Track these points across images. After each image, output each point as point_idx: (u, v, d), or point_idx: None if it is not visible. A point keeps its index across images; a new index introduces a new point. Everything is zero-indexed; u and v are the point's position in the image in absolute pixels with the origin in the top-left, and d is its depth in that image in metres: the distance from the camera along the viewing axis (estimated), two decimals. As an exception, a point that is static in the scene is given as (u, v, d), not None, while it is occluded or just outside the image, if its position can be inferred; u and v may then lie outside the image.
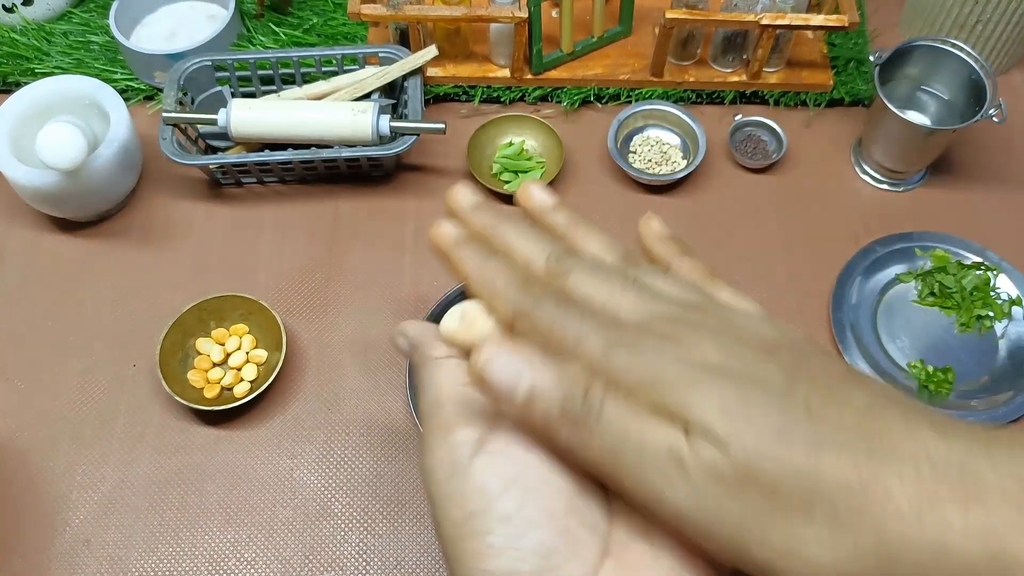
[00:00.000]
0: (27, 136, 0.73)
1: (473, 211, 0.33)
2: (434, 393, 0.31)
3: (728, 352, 0.26)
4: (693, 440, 0.24)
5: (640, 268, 0.30)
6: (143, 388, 0.69)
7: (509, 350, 0.26)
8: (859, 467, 0.23)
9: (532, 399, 0.25)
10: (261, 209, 0.78)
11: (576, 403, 0.25)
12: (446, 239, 0.31)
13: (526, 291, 0.28)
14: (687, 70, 0.83)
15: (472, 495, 0.27)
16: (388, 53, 0.78)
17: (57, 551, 0.62)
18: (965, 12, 0.81)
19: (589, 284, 0.28)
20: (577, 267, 0.29)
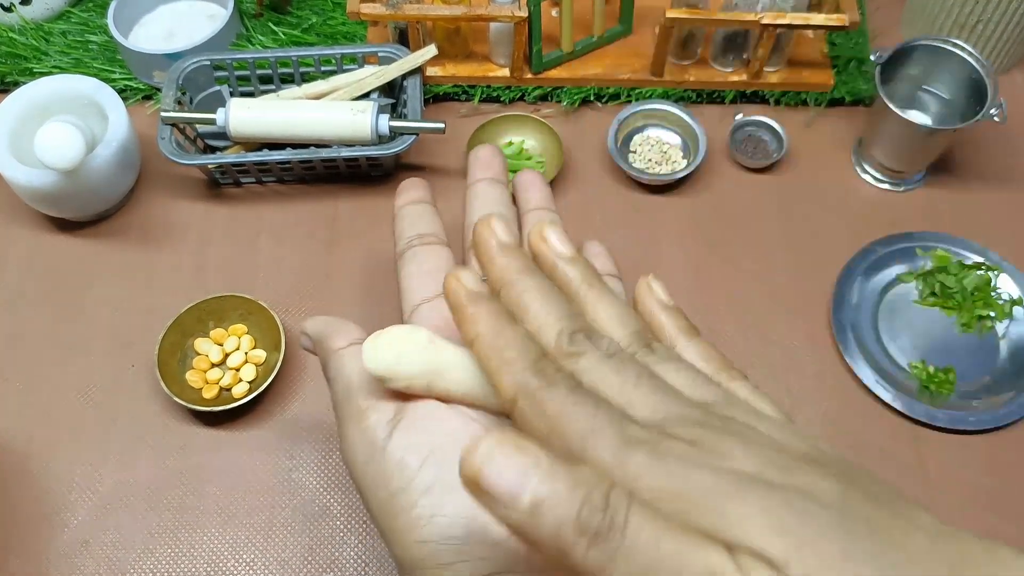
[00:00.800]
0: (25, 136, 0.73)
1: (500, 251, 0.29)
2: (343, 383, 0.31)
3: (765, 460, 0.22)
4: (742, 562, 0.20)
5: (654, 352, 0.28)
6: (141, 389, 0.69)
7: (511, 447, 0.22)
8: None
9: (540, 508, 0.21)
10: (260, 209, 0.78)
11: (595, 515, 0.21)
12: (462, 291, 0.28)
13: (538, 369, 0.25)
14: (687, 70, 0.83)
15: (393, 473, 0.28)
16: (387, 53, 0.78)
17: (56, 552, 0.62)
18: (966, 12, 0.80)
19: (600, 372, 0.25)
20: (590, 351, 0.26)
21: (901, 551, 0.21)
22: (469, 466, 0.22)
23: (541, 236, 0.31)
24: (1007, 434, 0.67)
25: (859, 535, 0.21)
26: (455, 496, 0.26)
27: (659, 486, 0.22)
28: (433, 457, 0.28)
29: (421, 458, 0.28)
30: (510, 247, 0.29)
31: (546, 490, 0.21)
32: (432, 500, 0.27)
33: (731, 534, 0.20)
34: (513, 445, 0.22)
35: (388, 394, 0.30)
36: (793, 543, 0.20)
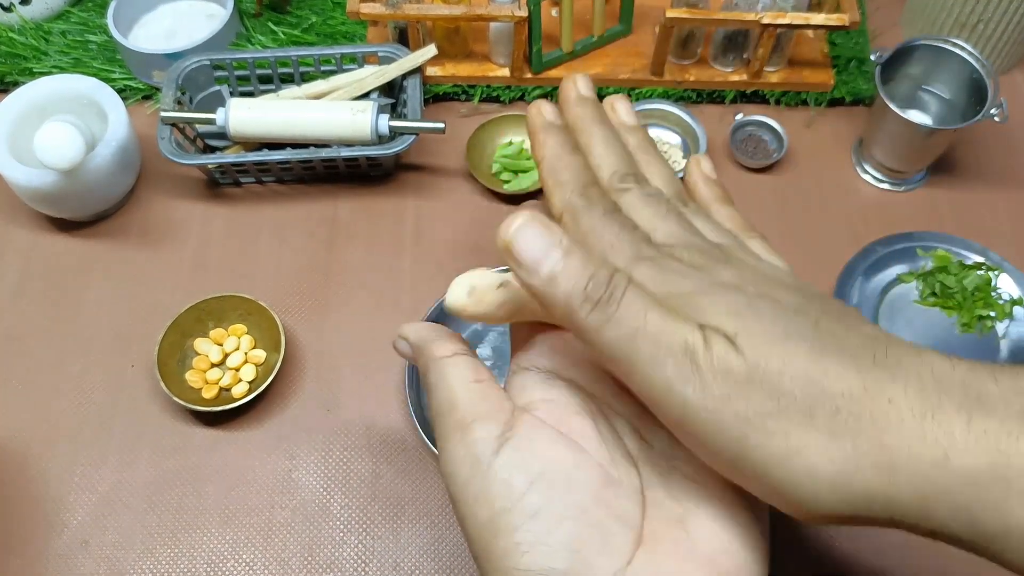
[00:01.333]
0: (25, 136, 0.73)
1: (578, 102, 0.34)
2: (446, 392, 0.30)
3: (746, 279, 0.27)
4: (707, 336, 0.24)
5: (687, 206, 0.33)
6: (141, 389, 0.69)
7: (541, 224, 0.26)
8: (863, 376, 0.23)
9: (556, 276, 0.26)
10: (260, 209, 0.78)
11: (600, 286, 0.25)
12: (540, 120, 0.33)
13: (584, 193, 0.30)
14: (687, 69, 0.83)
15: (497, 493, 0.27)
16: (387, 52, 0.78)
17: (55, 552, 0.62)
18: (966, 11, 0.80)
19: (638, 204, 0.30)
20: (635, 189, 0.31)
21: (836, 341, 0.24)
22: (504, 233, 0.26)
23: (612, 106, 0.36)
24: (1007, 434, 0.66)
25: (803, 325, 0.25)
26: (563, 526, 0.26)
27: (654, 288, 0.26)
28: (542, 481, 0.27)
29: (529, 480, 0.27)
30: (586, 99, 0.34)
31: (562, 264, 0.26)
32: (538, 526, 0.26)
33: (703, 318, 0.25)
34: (542, 224, 0.26)
35: (495, 410, 0.29)
36: (747, 323, 0.25)
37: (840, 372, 0.24)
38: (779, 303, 0.26)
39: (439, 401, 0.30)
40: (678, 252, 0.28)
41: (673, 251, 0.28)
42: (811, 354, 0.24)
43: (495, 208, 0.78)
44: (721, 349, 0.24)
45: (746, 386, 0.24)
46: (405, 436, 0.67)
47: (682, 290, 0.26)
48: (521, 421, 0.28)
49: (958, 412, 0.23)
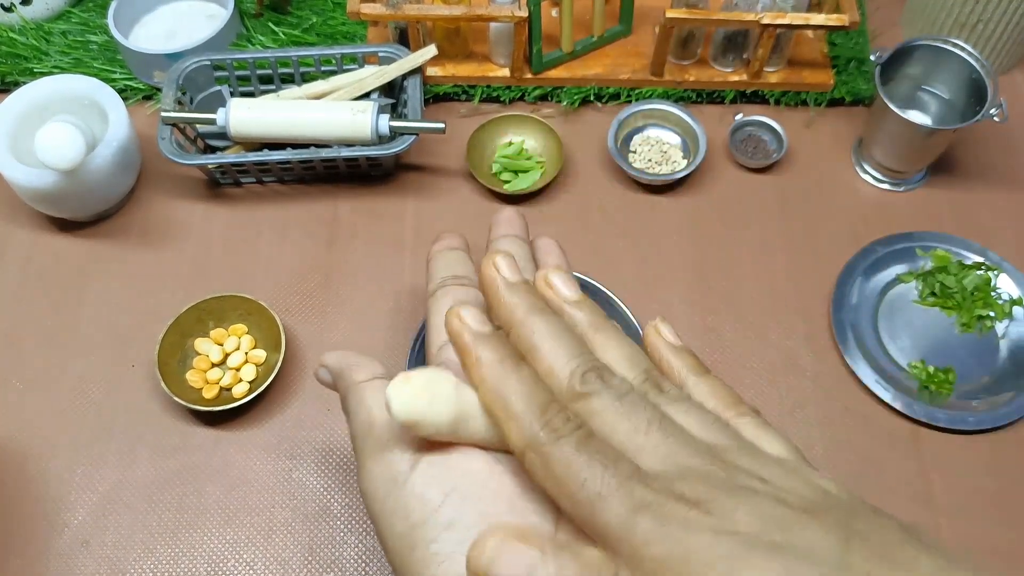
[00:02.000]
0: (25, 136, 0.73)
1: (508, 290, 0.29)
2: (364, 415, 0.30)
3: (767, 519, 0.23)
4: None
5: (664, 392, 0.28)
6: (142, 389, 0.69)
7: (517, 543, 0.24)
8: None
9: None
10: (260, 209, 0.78)
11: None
12: (465, 332, 0.28)
13: (545, 422, 0.25)
14: (687, 69, 0.83)
15: (413, 507, 0.27)
16: (387, 52, 0.78)
17: (55, 552, 0.62)
18: (966, 11, 0.80)
19: (611, 414, 0.26)
20: (602, 391, 0.26)
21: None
22: (476, 564, 0.23)
23: (547, 282, 0.31)
24: (1007, 434, 0.67)
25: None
26: (476, 535, 0.26)
27: (665, 553, 0.22)
28: (456, 494, 0.27)
29: (444, 493, 0.27)
30: (517, 285, 0.29)
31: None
32: (453, 537, 0.26)
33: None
34: (517, 539, 0.24)
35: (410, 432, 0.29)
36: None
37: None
38: (816, 560, 0.22)
39: (358, 424, 0.30)
40: (677, 486, 0.24)
41: (671, 485, 0.24)
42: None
43: (495, 208, 0.78)
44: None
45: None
46: (405, 436, 0.67)
47: (695, 555, 0.22)
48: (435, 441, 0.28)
49: None
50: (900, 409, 0.66)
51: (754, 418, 0.29)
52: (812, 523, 0.23)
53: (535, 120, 0.80)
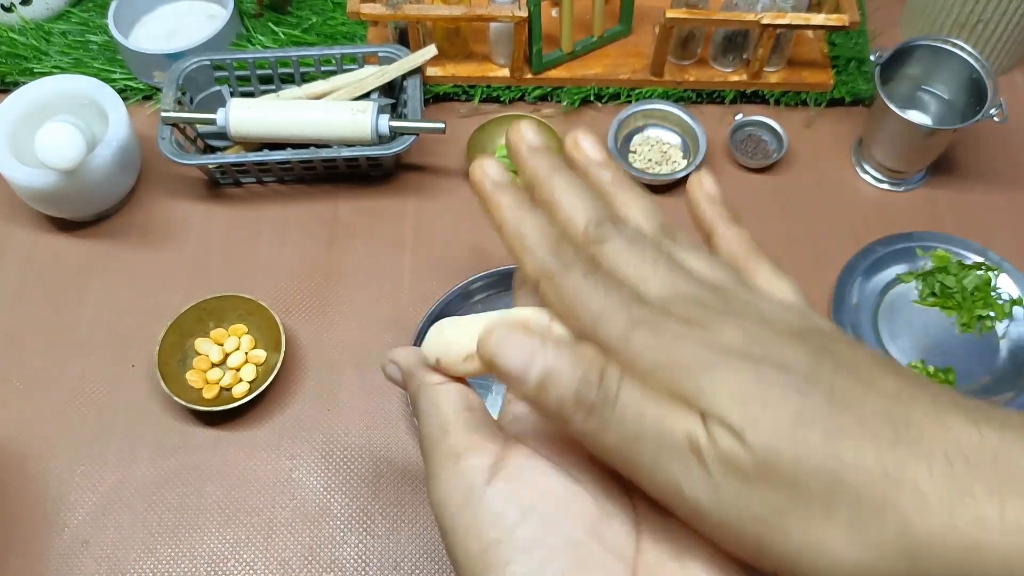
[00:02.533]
0: (26, 136, 0.73)
1: (531, 153, 0.31)
2: (437, 419, 0.29)
3: (751, 336, 0.25)
4: (711, 428, 0.23)
5: (677, 242, 0.30)
6: (142, 389, 0.69)
7: (520, 332, 0.25)
8: (883, 458, 0.22)
9: (545, 384, 0.24)
10: (260, 209, 0.78)
11: (591, 389, 0.24)
12: (487, 180, 0.30)
13: (557, 253, 0.27)
14: (687, 70, 0.83)
15: (489, 524, 0.26)
16: (387, 53, 0.78)
17: (56, 552, 0.62)
18: (966, 12, 0.80)
19: (622, 254, 0.27)
20: (615, 236, 0.28)
21: (852, 414, 0.23)
22: (485, 348, 0.25)
23: (575, 143, 0.32)
24: (1007, 434, 0.66)
25: (816, 401, 0.23)
26: (556, 561, 0.25)
27: (654, 360, 0.24)
28: (534, 513, 0.26)
29: (521, 512, 0.26)
30: (539, 148, 0.31)
31: (549, 368, 0.24)
32: (530, 561, 0.25)
33: (705, 403, 0.23)
34: (522, 330, 0.25)
35: (488, 439, 0.28)
36: (753, 410, 0.23)
37: (858, 456, 0.22)
38: (788, 370, 0.24)
39: (430, 428, 0.29)
40: (674, 307, 0.26)
41: (668, 306, 0.26)
42: (826, 439, 0.22)
43: (495, 208, 0.78)
44: (727, 443, 0.22)
45: (757, 483, 0.22)
46: (405, 436, 0.67)
47: (681, 360, 0.24)
48: (513, 451, 0.28)
49: (990, 496, 0.21)
50: (900, 409, 0.66)
51: (771, 264, 0.30)
52: (791, 342, 0.25)
53: (535, 120, 0.80)
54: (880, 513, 0.22)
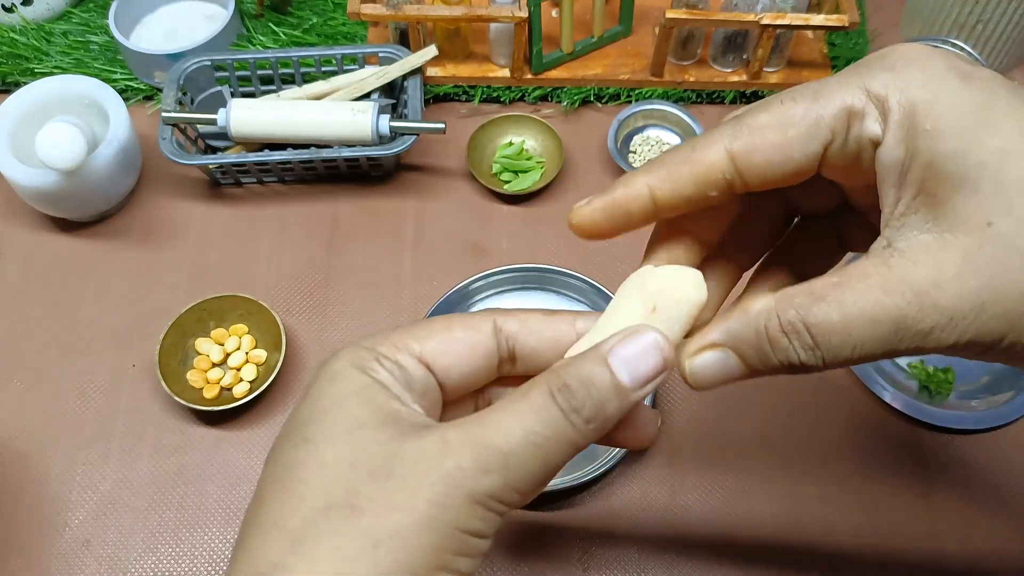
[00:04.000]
0: (26, 136, 0.73)
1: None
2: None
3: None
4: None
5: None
6: (142, 388, 0.69)
7: (699, 353, 0.28)
8: None
9: (748, 364, 0.28)
10: (261, 209, 0.78)
11: (774, 329, 0.27)
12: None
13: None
14: (687, 70, 0.83)
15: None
16: (388, 53, 0.78)
17: (56, 551, 0.62)
18: (965, 12, 0.81)
19: None
20: None
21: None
22: (688, 376, 0.29)
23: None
24: (1006, 434, 0.67)
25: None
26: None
27: None
28: None
29: None
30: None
31: (740, 350, 0.28)
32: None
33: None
34: (700, 343, 0.29)
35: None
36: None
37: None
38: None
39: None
40: None
41: None
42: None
43: (495, 208, 0.78)
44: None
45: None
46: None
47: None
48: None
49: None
50: (900, 409, 0.67)
51: None
52: None
53: (535, 120, 0.80)
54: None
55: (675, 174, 0.29)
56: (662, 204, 0.29)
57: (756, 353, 0.27)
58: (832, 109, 0.27)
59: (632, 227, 0.31)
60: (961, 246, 0.24)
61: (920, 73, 0.26)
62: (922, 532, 0.63)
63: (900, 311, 0.25)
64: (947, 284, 0.24)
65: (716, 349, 0.28)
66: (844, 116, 0.26)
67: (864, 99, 0.26)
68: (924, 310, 0.25)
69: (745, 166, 0.28)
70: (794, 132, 0.27)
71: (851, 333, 0.25)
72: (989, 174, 0.24)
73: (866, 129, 0.26)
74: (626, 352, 0.27)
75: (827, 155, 0.27)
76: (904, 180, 0.26)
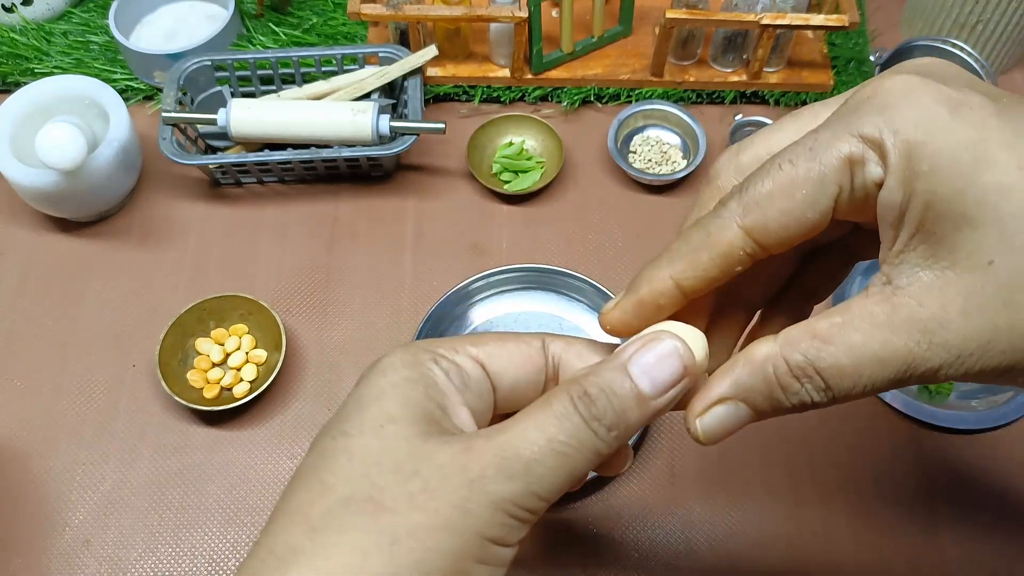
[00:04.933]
0: (27, 136, 0.73)
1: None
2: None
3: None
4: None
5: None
6: (143, 388, 0.69)
7: (709, 409, 0.28)
8: None
9: (758, 411, 0.28)
10: (261, 209, 0.78)
11: (783, 375, 0.27)
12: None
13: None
14: (687, 70, 0.83)
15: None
16: (388, 53, 0.78)
17: (57, 551, 0.62)
18: (965, 12, 0.81)
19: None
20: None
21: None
22: (695, 434, 0.29)
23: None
24: (1006, 434, 0.67)
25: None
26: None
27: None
28: None
29: None
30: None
31: (748, 398, 0.28)
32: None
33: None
34: (707, 398, 0.29)
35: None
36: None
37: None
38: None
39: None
40: None
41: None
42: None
43: (495, 208, 0.78)
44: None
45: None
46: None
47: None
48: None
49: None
50: (900, 409, 0.67)
51: None
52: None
53: (535, 120, 0.80)
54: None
55: (696, 262, 0.29)
56: (689, 292, 0.30)
57: (767, 400, 0.28)
58: (833, 163, 0.26)
59: (663, 318, 0.31)
60: (964, 284, 0.25)
61: (911, 111, 0.25)
62: (922, 532, 0.63)
63: (909, 351, 0.25)
64: (952, 324, 0.25)
65: (725, 403, 0.28)
66: (846, 167, 0.26)
67: (861, 146, 0.26)
68: (932, 349, 0.25)
69: (762, 237, 0.28)
70: (802, 195, 0.27)
71: (862, 374, 0.26)
72: (988, 211, 0.24)
73: (869, 174, 0.26)
74: (646, 359, 0.28)
75: (837, 205, 0.27)
76: (903, 220, 0.26)
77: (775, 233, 0.28)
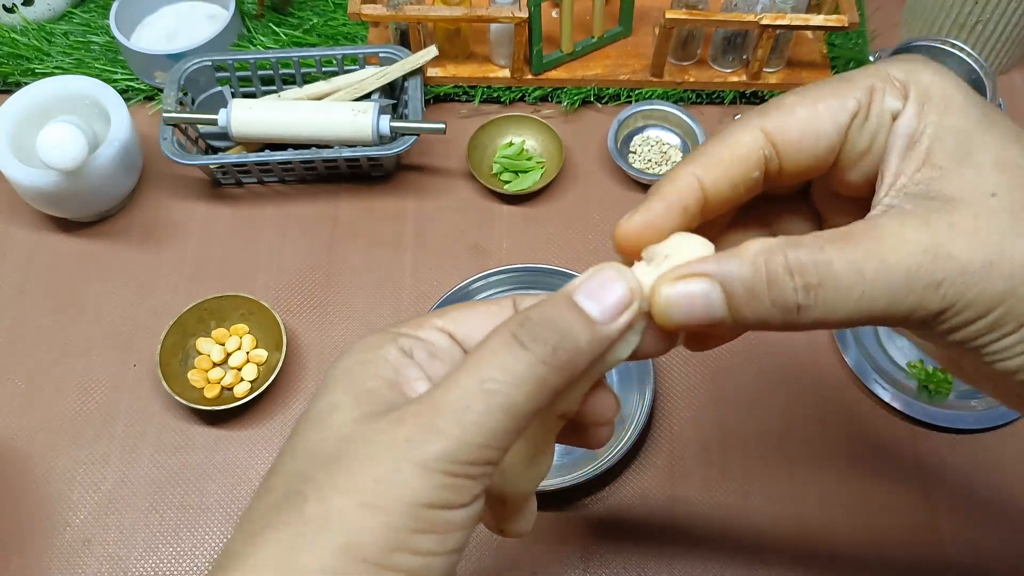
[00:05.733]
0: (27, 136, 0.73)
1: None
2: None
3: None
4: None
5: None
6: (143, 388, 0.69)
7: (681, 279, 0.26)
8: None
9: (734, 305, 0.26)
10: (261, 209, 0.78)
11: (775, 267, 0.26)
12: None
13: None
14: (687, 70, 0.83)
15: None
16: (388, 53, 0.79)
17: (57, 551, 0.62)
18: (965, 12, 0.81)
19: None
20: None
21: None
22: (657, 310, 0.27)
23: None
24: (1006, 434, 0.67)
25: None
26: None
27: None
28: None
29: None
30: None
31: (726, 281, 0.26)
32: None
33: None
34: (680, 276, 0.27)
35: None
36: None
37: None
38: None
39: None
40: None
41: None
42: None
43: (495, 208, 0.78)
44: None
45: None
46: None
47: None
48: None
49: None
50: (899, 409, 0.67)
51: None
52: None
53: (535, 120, 0.81)
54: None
55: (716, 159, 0.29)
56: (710, 191, 0.29)
57: (747, 293, 0.26)
58: (857, 83, 0.29)
59: (685, 225, 0.29)
60: (969, 211, 0.26)
61: (935, 71, 0.29)
62: (922, 532, 0.63)
63: (914, 259, 0.25)
64: (960, 239, 0.26)
65: (702, 279, 0.26)
66: (868, 91, 0.28)
67: (886, 79, 0.28)
68: (939, 260, 0.25)
69: (780, 141, 0.29)
70: (823, 105, 0.28)
71: (864, 275, 0.25)
72: (992, 152, 0.27)
73: (888, 104, 0.28)
74: (589, 285, 0.27)
75: (850, 132, 0.28)
76: (913, 150, 0.27)
77: (793, 142, 0.29)
